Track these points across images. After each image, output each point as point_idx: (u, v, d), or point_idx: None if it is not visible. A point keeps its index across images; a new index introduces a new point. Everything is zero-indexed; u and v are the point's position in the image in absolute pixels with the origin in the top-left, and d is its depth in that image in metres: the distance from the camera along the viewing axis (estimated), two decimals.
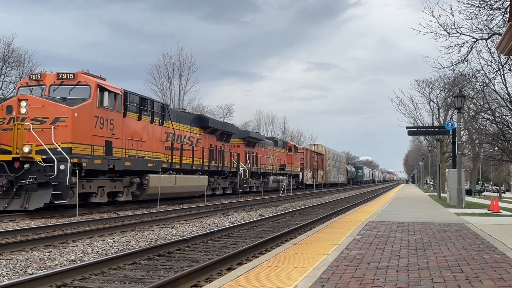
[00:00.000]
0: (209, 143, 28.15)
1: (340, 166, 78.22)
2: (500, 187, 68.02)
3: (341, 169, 78.32)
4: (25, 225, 13.65)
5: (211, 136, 28.61)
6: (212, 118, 29.89)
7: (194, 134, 26.40)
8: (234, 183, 32.17)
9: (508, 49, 9.62)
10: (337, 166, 74.86)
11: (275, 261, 6.53)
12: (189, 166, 25.28)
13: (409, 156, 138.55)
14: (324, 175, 63.34)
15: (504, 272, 5.77)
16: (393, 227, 11.05)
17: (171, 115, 23.41)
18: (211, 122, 28.97)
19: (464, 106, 25.88)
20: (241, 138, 34.88)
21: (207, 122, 28.21)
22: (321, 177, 61.74)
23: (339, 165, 76.70)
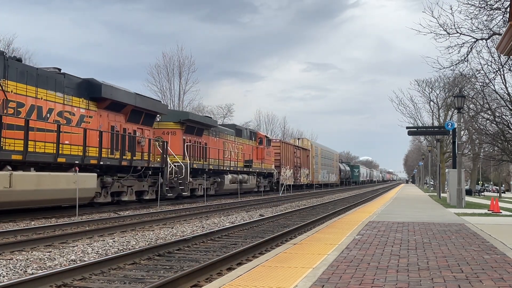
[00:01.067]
0: (109, 124, 19.44)
1: (331, 164, 69.82)
2: (500, 187, 68.00)
3: (332, 168, 70.16)
4: (25, 225, 13.65)
5: (113, 114, 19.74)
6: (110, 86, 19.03)
7: (73, 107, 17.50)
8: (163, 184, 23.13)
9: (508, 49, 9.62)
10: (328, 164, 66.73)
11: (275, 261, 6.53)
12: (52, 157, 16.10)
13: (409, 156, 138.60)
14: (309, 174, 55.07)
15: (504, 272, 5.77)
16: (393, 227, 11.05)
17: (10, 70, 14.78)
18: (108, 92, 18.71)
19: (464, 106, 25.87)
20: (176, 121, 25.59)
21: (100, 91, 18.34)
22: (306, 176, 53.23)
23: (329, 163, 68.25)
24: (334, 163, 72.36)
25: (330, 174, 68.29)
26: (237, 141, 33.64)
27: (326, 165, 65.59)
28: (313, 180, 56.67)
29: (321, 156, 61.52)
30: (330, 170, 67.96)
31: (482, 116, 30.73)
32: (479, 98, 28.70)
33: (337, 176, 74.96)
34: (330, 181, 67.64)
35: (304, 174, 52.01)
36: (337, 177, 74.95)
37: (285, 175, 44.32)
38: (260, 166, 37.84)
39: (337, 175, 74.47)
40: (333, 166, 71.44)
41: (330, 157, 69.17)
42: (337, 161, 76.07)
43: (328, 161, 67.18)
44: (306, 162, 53.54)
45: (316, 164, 58.08)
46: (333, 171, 70.68)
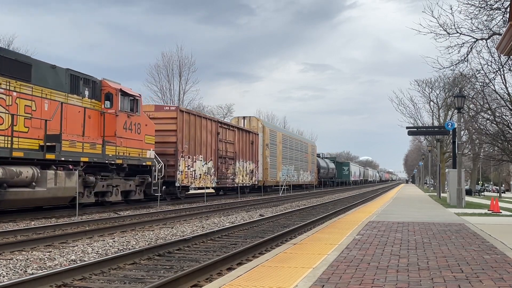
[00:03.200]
0: None
1: (303, 159, 52.83)
2: (500, 187, 68.05)
3: (304, 163, 53.23)
4: (25, 225, 13.65)
5: None
6: None
7: None
8: None
9: (508, 49, 9.62)
10: (297, 158, 49.66)
11: (275, 261, 6.53)
12: None
13: (409, 156, 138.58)
14: (257, 170, 36.99)
15: (504, 272, 5.77)
16: (393, 227, 11.05)
17: None
18: None
19: (464, 106, 25.90)
20: None
21: None
22: (249, 173, 35.24)
23: (299, 156, 51.02)
24: (309, 157, 55.46)
25: (302, 171, 51.66)
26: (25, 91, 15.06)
27: (294, 159, 48.10)
28: (266, 179, 38.55)
29: (283, 145, 43.72)
30: (301, 166, 51.41)
31: (482, 116, 30.72)
32: (479, 98, 28.70)
33: (314, 174, 58.59)
34: (301, 181, 51.17)
35: (243, 170, 33.83)
36: (314, 176, 58.57)
37: (191, 170, 25.85)
38: (115, 150, 18.88)
39: (313, 173, 58.03)
40: (307, 161, 54.50)
41: (300, 148, 51.81)
42: (313, 155, 59.08)
43: (298, 153, 50.24)
44: (251, 152, 35.23)
45: (272, 156, 40.18)
46: (306, 167, 54.00)
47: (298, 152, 50.69)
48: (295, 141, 50.59)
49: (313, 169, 58.19)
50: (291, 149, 47.35)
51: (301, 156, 52.03)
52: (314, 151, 60.57)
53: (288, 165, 45.93)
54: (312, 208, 23.25)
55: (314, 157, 60.40)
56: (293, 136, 52.06)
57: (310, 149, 57.67)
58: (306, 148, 55.43)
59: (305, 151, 54.42)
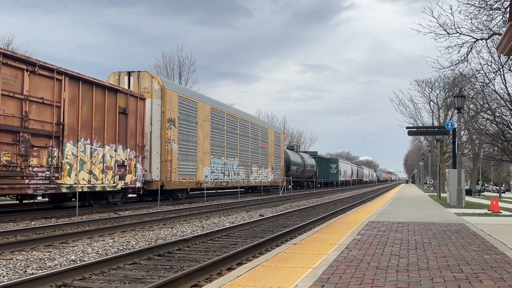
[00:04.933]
0: None
1: (257, 149, 37.36)
2: (500, 187, 68.05)
3: (258, 156, 37.55)
4: (25, 225, 13.65)
5: None
6: None
7: None
8: None
9: (508, 49, 9.62)
10: (242, 147, 34.01)
11: (275, 261, 6.53)
12: None
13: (409, 156, 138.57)
14: (137, 163, 20.84)
15: (504, 272, 5.77)
16: (393, 227, 11.05)
17: None
18: None
19: (464, 106, 25.91)
20: None
21: None
22: (113, 168, 19.09)
23: (251, 145, 35.82)
24: (270, 148, 40.34)
25: (255, 168, 36.67)
26: None
27: (239, 149, 33.29)
28: (169, 178, 23.34)
29: (213, 125, 28.89)
30: (254, 160, 36.39)
31: (482, 116, 30.74)
32: (479, 98, 28.72)
33: (280, 172, 43.18)
34: (254, 181, 36.34)
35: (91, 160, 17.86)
36: (281, 175, 43.24)
37: None
38: None
39: (278, 170, 42.74)
40: (265, 153, 39.14)
41: (253, 133, 36.48)
42: (278, 146, 43.06)
43: (247, 141, 35.07)
44: (121, 129, 19.91)
45: (185, 142, 25.20)
46: (264, 162, 38.84)
47: (247, 139, 34.99)
48: (242, 121, 34.00)
49: (278, 166, 42.69)
50: (232, 134, 31.96)
51: (254, 145, 36.47)
52: (280, 140, 44.34)
53: (227, 157, 30.58)
54: (312, 208, 23.25)
55: (281, 148, 44.49)
56: (236, 113, 33.59)
57: (272, 136, 41.32)
58: (265, 134, 39.39)
59: (262, 139, 38.65)
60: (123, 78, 23.22)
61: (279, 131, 46.39)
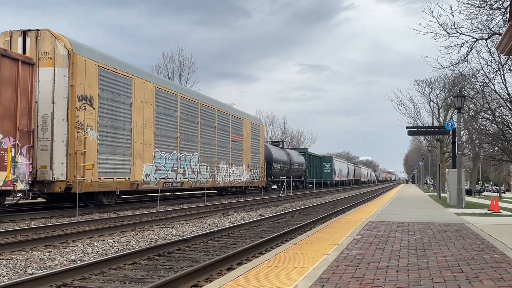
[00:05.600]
0: None
1: (226, 144, 31.20)
2: (500, 187, 68.05)
3: (228, 151, 31.47)
4: (25, 225, 13.65)
5: None
6: None
7: None
8: None
9: (508, 49, 9.62)
10: (206, 140, 28.10)
11: (275, 261, 6.52)
12: None
13: (409, 156, 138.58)
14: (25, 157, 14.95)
15: (504, 272, 5.77)
16: (393, 227, 11.05)
17: None
18: None
19: (464, 106, 25.91)
20: None
21: None
22: None
23: (218, 138, 29.83)
24: (245, 143, 34.40)
25: (225, 165, 30.58)
26: None
27: (202, 142, 27.33)
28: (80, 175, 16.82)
29: (159, 109, 22.75)
30: (223, 155, 30.38)
31: (482, 116, 30.77)
32: (479, 98, 28.74)
33: (259, 170, 37.51)
34: (222, 182, 30.17)
35: None
36: (260, 174, 37.58)
37: None
38: None
39: (257, 169, 36.99)
40: (239, 148, 33.25)
41: (222, 123, 30.54)
42: (256, 140, 37.34)
43: (213, 132, 28.98)
44: None
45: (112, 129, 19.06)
46: (237, 159, 32.87)
47: (212, 130, 28.78)
48: (205, 108, 27.77)
49: (256, 163, 36.71)
50: (190, 123, 25.67)
51: (223, 138, 30.29)
52: (259, 133, 37.96)
53: (181, 151, 24.48)
54: (312, 208, 23.25)
55: (260, 143, 38.26)
56: (196, 97, 27.27)
57: (248, 128, 35.17)
58: (238, 125, 33.11)
59: (235, 130, 32.38)
60: (16, 39, 17.03)
61: (257, 123, 39.28)
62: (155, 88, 22.33)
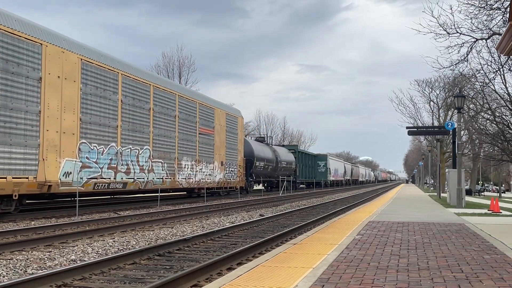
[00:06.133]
0: None
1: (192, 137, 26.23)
2: (500, 187, 68.07)
3: (194, 145, 26.55)
4: (25, 225, 13.65)
5: None
6: None
7: None
8: None
9: (508, 49, 9.62)
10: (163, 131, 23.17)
11: (275, 261, 6.53)
12: None
13: (409, 156, 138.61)
14: None
15: (504, 272, 5.77)
16: (393, 227, 11.05)
17: None
18: None
19: (464, 106, 25.92)
20: None
21: None
22: None
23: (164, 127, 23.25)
24: (217, 136, 29.78)
25: (190, 162, 25.92)
26: None
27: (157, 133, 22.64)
28: None
29: (83, 84, 17.76)
30: (186, 150, 25.68)
31: (482, 116, 30.77)
32: (479, 98, 28.75)
33: (237, 169, 32.93)
34: (185, 182, 25.38)
35: None
36: (237, 173, 32.91)
37: None
38: None
39: (233, 167, 32.52)
40: (209, 143, 28.41)
41: (176, 111, 24.73)
42: (233, 134, 32.63)
43: (163, 120, 23.42)
44: None
45: None
46: (206, 155, 28.04)
47: (172, 119, 24.07)
48: (160, 92, 23.02)
49: (232, 161, 32.12)
50: (137, 109, 21.02)
51: (186, 129, 25.60)
52: (237, 126, 33.25)
53: (124, 144, 20.01)
54: (312, 208, 23.25)
55: (238, 138, 33.51)
56: (148, 79, 22.37)
57: (222, 120, 30.45)
58: (208, 116, 28.41)
59: (204, 122, 27.70)
60: None
61: (235, 114, 33.56)
62: (82, 61, 17.67)
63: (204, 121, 27.86)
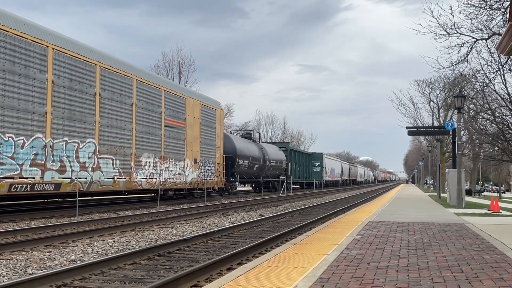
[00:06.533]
0: None
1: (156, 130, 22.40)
2: (500, 187, 68.05)
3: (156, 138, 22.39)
4: (25, 225, 13.65)
5: None
6: None
7: None
8: None
9: (508, 49, 9.62)
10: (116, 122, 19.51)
11: (275, 261, 6.53)
12: None
13: (409, 156, 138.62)
14: None
15: (504, 272, 5.77)
16: (393, 227, 11.05)
17: None
18: None
19: (464, 106, 25.92)
20: None
21: None
22: None
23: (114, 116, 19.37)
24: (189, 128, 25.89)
25: (146, 159, 21.51)
26: None
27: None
28: None
29: None
30: (144, 144, 21.46)
31: (482, 116, 30.77)
32: (479, 98, 28.75)
33: (214, 167, 29.05)
34: (146, 183, 21.47)
35: None
36: (215, 172, 29.05)
37: None
38: None
39: (211, 165, 28.54)
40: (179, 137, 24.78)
41: (133, 98, 20.77)
42: (210, 128, 28.78)
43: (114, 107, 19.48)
44: None
45: None
46: (175, 151, 24.39)
47: (127, 107, 20.38)
48: (109, 74, 19.46)
49: (209, 158, 28.25)
50: (79, 93, 17.76)
51: (150, 121, 22.11)
52: (214, 119, 29.21)
53: (56, 135, 16.57)
54: (312, 208, 23.25)
55: (216, 132, 29.41)
56: (92, 57, 18.63)
57: (196, 111, 26.67)
58: (178, 106, 24.80)
59: (172, 112, 24.16)
60: None
61: (212, 105, 29.29)
62: None
63: (172, 112, 24.19)
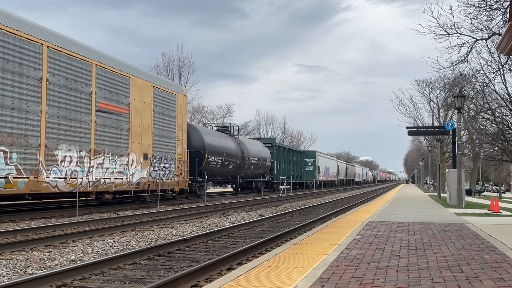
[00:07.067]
0: None
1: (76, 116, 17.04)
2: (500, 187, 68.01)
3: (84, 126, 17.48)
4: (25, 225, 13.65)
5: None
6: None
7: None
8: None
9: (508, 49, 9.62)
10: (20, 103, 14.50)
11: (275, 261, 6.52)
12: None
13: (409, 156, 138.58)
14: None
15: (504, 272, 5.77)
16: (393, 227, 11.05)
17: None
18: None
19: (464, 106, 25.92)
20: None
21: None
22: None
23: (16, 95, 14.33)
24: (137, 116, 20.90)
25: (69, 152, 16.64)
26: None
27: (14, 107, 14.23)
28: None
29: None
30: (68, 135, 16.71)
31: (482, 116, 30.78)
32: (479, 98, 28.75)
33: (174, 164, 23.95)
34: (66, 184, 16.41)
35: None
36: (175, 170, 23.98)
37: None
38: None
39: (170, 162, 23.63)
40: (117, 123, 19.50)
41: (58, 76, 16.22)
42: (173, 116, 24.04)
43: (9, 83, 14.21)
44: None
45: None
46: (114, 143, 19.32)
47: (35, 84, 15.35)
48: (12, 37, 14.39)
49: (168, 153, 23.69)
50: None
51: (72, 103, 17.08)
52: (174, 106, 24.45)
53: None
54: (312, 208, 23.25)
55: (176, 122, 24.59)
56: None
57: (148, 96, 22.03)
58: (119, 87, 19.92)
59: (108, 94, 19.15)
60: None
61: (172, 90, 24.61)
62: None
63: (108, 94, 19.14)
